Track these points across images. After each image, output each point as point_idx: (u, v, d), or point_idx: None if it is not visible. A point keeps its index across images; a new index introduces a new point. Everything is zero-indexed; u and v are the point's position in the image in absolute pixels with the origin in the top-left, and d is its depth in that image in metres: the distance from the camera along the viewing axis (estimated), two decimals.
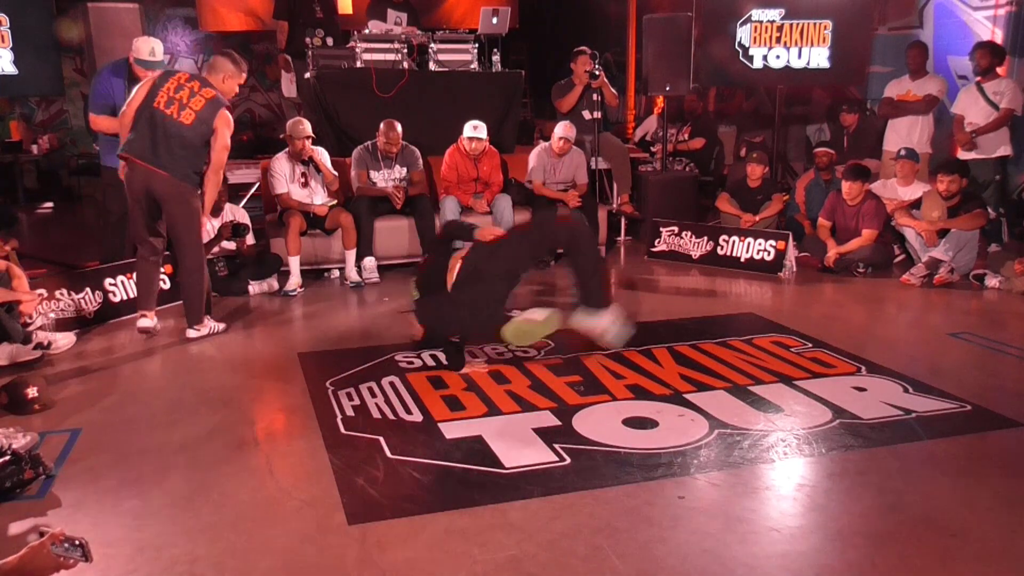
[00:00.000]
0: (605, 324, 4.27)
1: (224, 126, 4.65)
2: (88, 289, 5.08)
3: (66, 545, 2.12)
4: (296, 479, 3.10)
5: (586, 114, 7.14)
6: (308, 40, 6.94)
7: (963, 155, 6.70)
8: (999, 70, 6.72)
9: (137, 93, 4.66)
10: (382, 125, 6.37)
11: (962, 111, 6.76)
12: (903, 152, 6.66)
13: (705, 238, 6.70)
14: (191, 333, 4.82)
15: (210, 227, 5.55)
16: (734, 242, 6.52)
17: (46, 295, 4.80)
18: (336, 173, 6.20)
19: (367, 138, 6.52)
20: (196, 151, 4.65)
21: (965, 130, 6.67)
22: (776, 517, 2.80)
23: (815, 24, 7.59)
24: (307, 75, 7.00)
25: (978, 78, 6.73)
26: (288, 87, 7.91)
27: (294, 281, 5.86)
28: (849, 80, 8.53)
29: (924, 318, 5.43)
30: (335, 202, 6.16)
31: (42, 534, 2.14)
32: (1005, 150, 6.66)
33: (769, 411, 3.66)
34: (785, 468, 3.14)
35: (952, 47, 8.14)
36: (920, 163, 6.78)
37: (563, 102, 7.19)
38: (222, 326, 4.96)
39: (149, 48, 5.24)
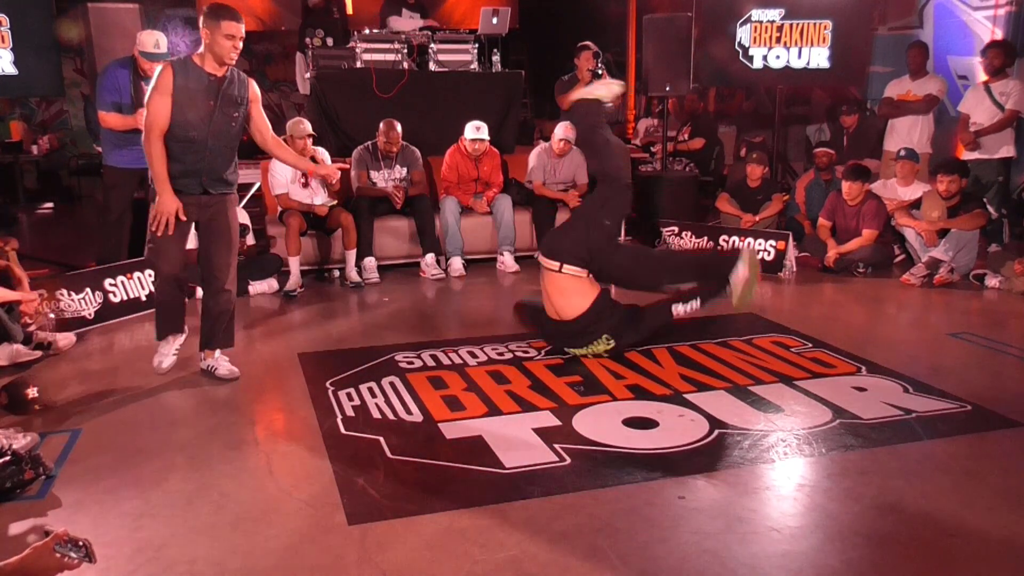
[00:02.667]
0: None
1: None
2: (88, 289, 5.07)
3: (69, 546, 2.12)
4: (296, 479, 3.10)
5: None
6: (308, 40, 6.93)
7: (966, 155, 6.69)
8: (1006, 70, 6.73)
9: None
10: (382, 125, 6.38)
11: (968, 110, 6.74)
12: (903, 152, 6.66)
13: (705, 238, 6.70)
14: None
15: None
16: (734, 242, 6.52)
17: (46, 295, 4.80)
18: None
19: (367, 138, 6.52)
20: None
21: (969, 130, 6.66)
22: (776, 517, 2.80)
23: (815, 24, 7.60)
24: (307, 75, 6.99)
25: (986, 78, 6.72)
26: (303, 85, 7.85)
27: (294, 281, 5.86)
28: (849, 80, 8.53)
29: (924, 318, 5.42)
30: (335, 202, 6.16)
31: (46, 534, 2.14)
32: (1008, 151, 6.65)
33: (769, 411, 3.66)
34: (785, 468, 3.15)
35: (952, 47, 8.15)
36: (920, 163, 6.77)
37: (566, 98, 7.17)
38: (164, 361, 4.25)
39: (153, 41, 5.27)
